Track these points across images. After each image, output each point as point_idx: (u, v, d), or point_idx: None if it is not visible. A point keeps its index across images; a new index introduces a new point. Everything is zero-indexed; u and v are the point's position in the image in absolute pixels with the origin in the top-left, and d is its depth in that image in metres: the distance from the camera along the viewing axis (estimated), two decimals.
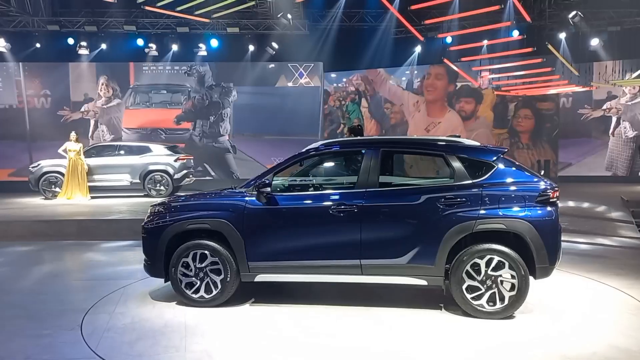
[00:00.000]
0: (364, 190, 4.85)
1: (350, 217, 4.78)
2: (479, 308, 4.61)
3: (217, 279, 4.98)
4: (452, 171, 4.83)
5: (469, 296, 4.63)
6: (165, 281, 5.20)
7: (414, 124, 18.67)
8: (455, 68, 16.86)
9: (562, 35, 17.13)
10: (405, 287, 5.46)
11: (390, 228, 4.79)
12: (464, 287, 4.63)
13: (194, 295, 5.02)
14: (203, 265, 5.00)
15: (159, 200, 5.92)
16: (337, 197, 4.92)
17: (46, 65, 18.47)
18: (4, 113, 18.32)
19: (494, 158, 4.85)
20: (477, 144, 5.18)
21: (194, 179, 15.12)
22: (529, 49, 14.69)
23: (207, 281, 5.01)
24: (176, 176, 13.89)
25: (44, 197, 13.81)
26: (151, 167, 13.89)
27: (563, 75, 16.84)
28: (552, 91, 16.75)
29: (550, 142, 17.47)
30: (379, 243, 4.78)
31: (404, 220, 4.78)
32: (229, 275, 4.95)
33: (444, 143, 5.06)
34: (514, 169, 4.88)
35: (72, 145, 13.38)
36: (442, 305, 5.03)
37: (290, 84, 18.78)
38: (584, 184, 16.84)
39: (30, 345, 4.17)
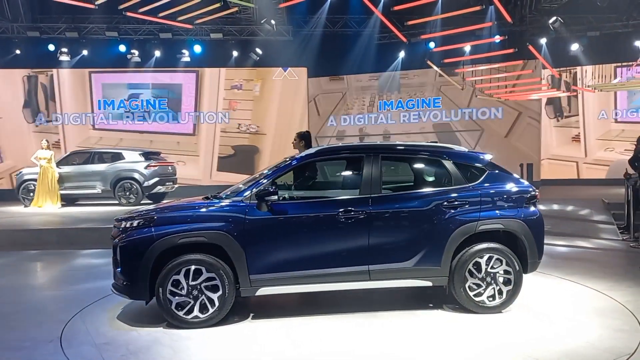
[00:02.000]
0: (370, 196, 4.86)
1: (359, 224, 4.76)
2: (480, 304, 4.89)
3: (214, 296, 4.61)
4: (449, 176, 5.10)
5: (471, 294, 4.88)
6: (147, 303, 4.81)
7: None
8: (438, 70, 16.98)
9: (543, 41, 17.39)
10: (399, 290, 5.48)
11: (397, 233, 4.88)
12: (466, 285, 4.88)
13: (186, 317, 4.59)
14: (197, 282, 4.60)
15: (127, 211, 5.32)
16: (344, 203, 4.85)
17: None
18: None
19: (485, 163, 5.22)
20: (466, 149, 5.49)
21: (175, 186, 14.78)
22: (510, 50, 14.85)
23: (202, 299, 4.62)
24: (146, 184, 13.51)
25: (24, 205, 13.64)
26: (121, 175, 13.62)
27: (544, 79, 17.10)
28: (535, 96, 16.95)
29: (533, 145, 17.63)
30: (387, 248, 4.83)
31: (411, 224, 4.89)
32: (227, 291, 4.62)
33: (441, 149, 5.32)
34: (502, 172, 5.25)
35: (43, 153, 13.24)
36: (431, 305, 5.14)
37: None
38: (565, 187, 17.07)
39: (10, 357, 4.09)
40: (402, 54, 18.52)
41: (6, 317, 5.11)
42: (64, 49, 17.57)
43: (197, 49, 18.18)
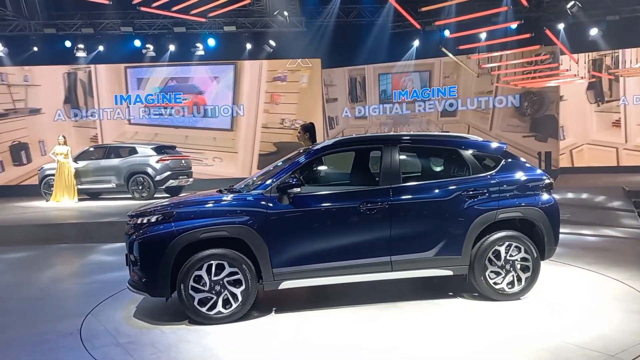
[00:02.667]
0: (391, 186, 4.86)
1: (381, 214, 4.77)
2: (500, 292, 4.93)
3: (237, 290, 4.55)
4: (467, 165, 5.12)
5: (491, 281, 4.92)
6: (167, 300, 4.73)
7: None
8: (453, 57, 16.77)
9: (561, 26, 17.05)
10: (418, 279, 5.46)
11: (418, 222, 4.88)
12: (487, 273, 4.92)
13: (209, 313, 4.52)
14: (220, 277, 4.53)
15: (139, 207, 5.24)
16: (365, 194, 4.84)
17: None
18: None
19: (501, 152, 5.26)
20: (481, 139, 5.47)
21: (191, 180, 14.79)
22: (527, 35, 14.55)
23: (225, 294, 4.56)
24: (157, 178, 13.62)
25: (45, 200, 13.90)
26: (133, 169, 13.76)
27: (562, 65, 16.77)
28: (552, 83, 16.66)
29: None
30: (408, 238, 4.83)
31: (432, 214, 4.90)
32: (250, 286, 4.58)
33: (457, 138, 5.35)
34: (517, 161, 5.28)
35: (60, 149, 13.47)
36: (451, 294, 5.14)
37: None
38: (585, 175, 16.81)
39: (30, 350, 4.16)
40: (416, 43, 18.35)
41: (26, 312, 5.20)
42: (80, 45, 17.77)
43: (211, 42, 18.22)
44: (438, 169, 5.42)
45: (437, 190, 4.94)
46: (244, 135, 18.48)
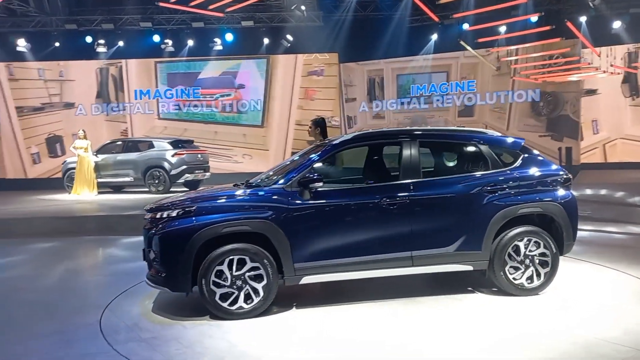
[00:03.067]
0: (412, 181, 4.86)
1: (402, 209, 4.75)
2: (519, 287, 4.92)
3: (259, 285, 4.52)
4: (486, 160, 5.11)
5: (510, 277, 4.90)
6: (187, 295, 4.67)
7: None
8: (471, 51, 16.58)
9: (583, 19, 16.74)
10: (425, 276, 5.44)
11: (439, 218, 4.87)
12: (506, 268, 4.90)
13: (231, 308, 4.48)
14: (241, 272, 4.50)
15: (156, 200, 5.22)
16: (387, 189, 4.84)
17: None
18: None
19: (520, 147, 5.25)
20: (499, 134, 5.48)
21: (208, 174, 14.84)
22: (547, 27, 14.29)
23: (247, 289, 4.53)
24: (173, 172, 13.74)
25: (68, 193, 14.16)
26: (149, 163, 13.91)
27: (583, 58, 16.48)
28: (574, 77, 16.39)
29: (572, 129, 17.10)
30: (429, 233, 4.82)
31: (452, 209, 4.89)
32: (271, 281, 4.54)
33: (476, 133, 5.33)
34: (535, 156, 5.26)
35: (80, 143, 13.72)
36: (470, 289, 5.11)
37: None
38: (612, 171, 16.52)
39: (51, 341, 4.22)
40: (434, 37, 18.20)
41: (48, 303, 5.30)
42: (101, 41, 18.00)
43: (229, 37, 18.28)
44: (457, 163, 5.40)
45: (458, 185, 4.92)
46: (275, 132, 18.26)
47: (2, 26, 17.70)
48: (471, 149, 5.26)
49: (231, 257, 4.49)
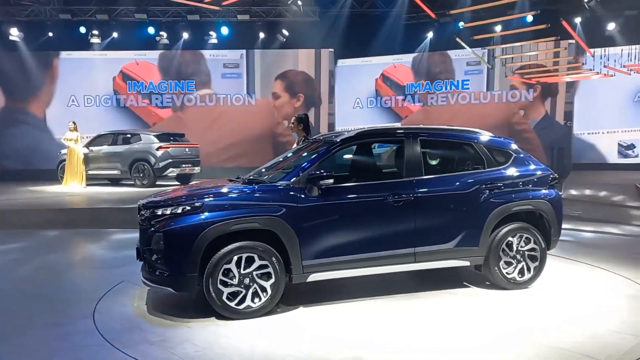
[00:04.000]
0: (415, 179, 4.93)
1: (407, 206, 4.83)
2: (512, 281, 5.16)
3: (267, 284, 4.43)
4: (482, 159, 5.29)
5: (504, 271, 5.12)
6: (194, 294, 4.56)
7: None
8: (467, 48, 16.61)
9: (578, 20, 16.83)
10: (414, 273, 5.49)
11: (441, 214, 5.00)
12: (500, 263, 5.11)
13: (238, 307, 4.37)
14: (249, 270, 4.40)
15: (149, 196, 5.07)
16: (392, 186, 4.87)
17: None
18: None
19: (512, 147, 5.49)
20: (492, 134, 5.64)
21: (197, 168, 14.55)
22: (542, 26, 14.32)
23: (255, 288, 4.43)
24: (157, 166, 13.55)
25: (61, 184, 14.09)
26: (135, 156, 13.77)
27: (575, 58, 16.55)
28: (568, 78, 16.48)
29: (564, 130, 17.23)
30: (432, 229, 4.94)
31: (454, 207, 5.04)
32: (280, 279, 4.47)
33: (473, 133, 5.49)
34: (526, 156, 5.51)
35: (70, 134, 13.64)
36: (451, 290, 5.18)
37: None
38: (597, 172, 16.67)
39: (45, 334, 4.23)
40: (430, 34, 18.23)
41: (42, 295, 5.29)
42: (95, 32, 17.85)
43: (225, 30, 18.21)
44: (456, 162, 5.44)
45: (458, 183, 5.06)
46: None
47: None
48: (469, 147, 5.37)
49: (240, 255, 4.38)
